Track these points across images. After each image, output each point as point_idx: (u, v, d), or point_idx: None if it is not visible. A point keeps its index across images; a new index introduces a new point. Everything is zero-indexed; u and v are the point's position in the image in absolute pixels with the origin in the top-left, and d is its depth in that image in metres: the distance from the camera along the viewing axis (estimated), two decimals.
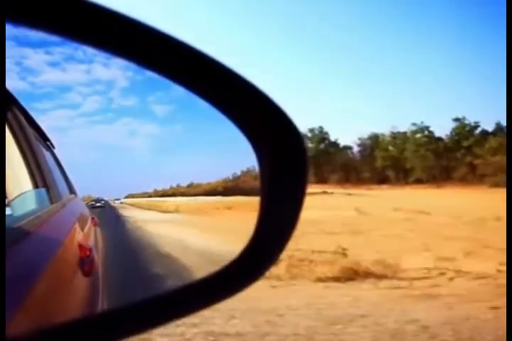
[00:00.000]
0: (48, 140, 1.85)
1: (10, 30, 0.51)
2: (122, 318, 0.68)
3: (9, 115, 1.05)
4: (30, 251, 0.73)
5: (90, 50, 0.60)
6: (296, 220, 0.70)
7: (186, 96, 0.67)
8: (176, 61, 0.61)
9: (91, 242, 1.45)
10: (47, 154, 1.63)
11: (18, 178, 1.10)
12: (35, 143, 1.32)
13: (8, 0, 0.48)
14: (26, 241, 0.75)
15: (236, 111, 0.68)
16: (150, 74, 0.64)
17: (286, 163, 0.69)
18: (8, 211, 0.94)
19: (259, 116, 0.67)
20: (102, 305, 1.15)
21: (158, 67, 0.63)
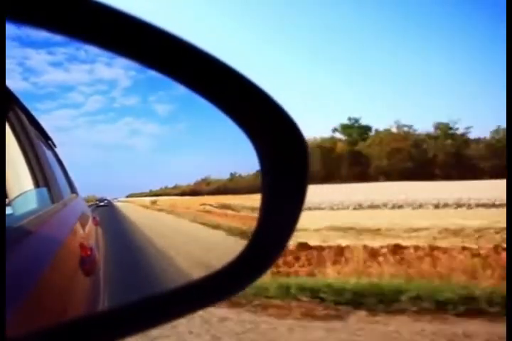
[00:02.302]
0: (50, 139, 1.84)
1: (13, 31, 0.51)
2: (123, 317, 0.68)
3: (10, 114, 1.05)
4: (31, 250, 0.73)
5: (93, 50, 0.60)
6: (297, 219, 0.70)
7: (187, 96, 0.67)
8: (179, 60, 0.61)
9: (92, 241, 1.45)
10: (48, 153, 1.62)
11: (19, 177, 1.10)
12: (37, 142, 1.32)
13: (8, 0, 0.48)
14: (27, 240, 0.75)
15: (237, 111, 0.68)
16: (152, 73, 0.64)
17: (286, 163, 0.68)
18: (9, 210, 0.94)
19: (261, 116, 0.67)
20: (103, 304, 1.15)
21: (161, 67, 0.63)
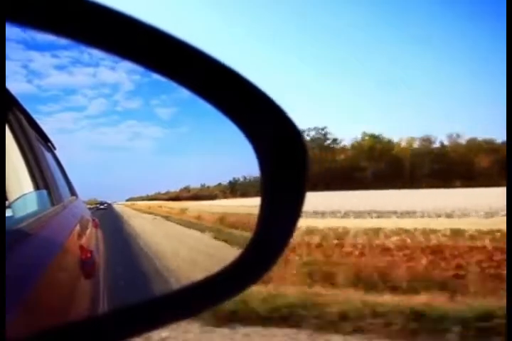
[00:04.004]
0: (49, 141, 1.84)
1: (18, 33, 0.51)
2: (123, 320, 0.68)
3: (10, 116, 1.05)
4: (31, 253, 0.73)
5: (97, 54, 0.60)
6: (296, 221, 0.70)
7: (189, 100, 0.67)
8: (181, 62, 0.61)
9: (92, 244, 1.45)
10: (48, 155, 1.62)
11: (19, 180, 1.10)
12: (36, 145, 1.32)
13: (9, 0, 0.48)
14: (27, 243, 0.75)
15: (237, 112, 0.68)
16: (156, 77, 0.64)
17: (286, 165, 0.69)
18: (8, 213, 0.94)
19: (260, 117, 0.67)
20: (103, 306, 1.15)
21: (163, 69, 0.63)
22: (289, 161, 0.68)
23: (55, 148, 1.96)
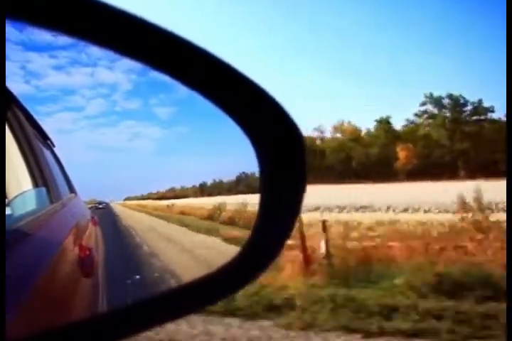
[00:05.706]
0: (48, 138, 1.83)
1: (16, 35, 0.51)
2: (123, 318, 0.68)
3: (9, 114, 1.05)
4: (30, 251, 0.73)
5: (94, 54, 0.60)
6: (294, 220, 0.70)
7: (187, 99, 0.67)
8: (181, 60, 0.61)
9: (91, 242, 1.44)
10: (47, 153, 1.62)
11: (18, 177, 1.10)
12: (35, 142, 1.32)
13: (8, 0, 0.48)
14: (26, 241, 0.75)
15: (238, 111, 0.68)
16: (153, 76, 0.64)
17: (286, 164, 0.69)
18: (7, 210, 0.94)
19: (261, 116, 0.67)
20: (103, 304, 1.15)
21: (164, 67, 0.63)
22: (290, 160, 0.68)
23: (54, 146, 1.95)
